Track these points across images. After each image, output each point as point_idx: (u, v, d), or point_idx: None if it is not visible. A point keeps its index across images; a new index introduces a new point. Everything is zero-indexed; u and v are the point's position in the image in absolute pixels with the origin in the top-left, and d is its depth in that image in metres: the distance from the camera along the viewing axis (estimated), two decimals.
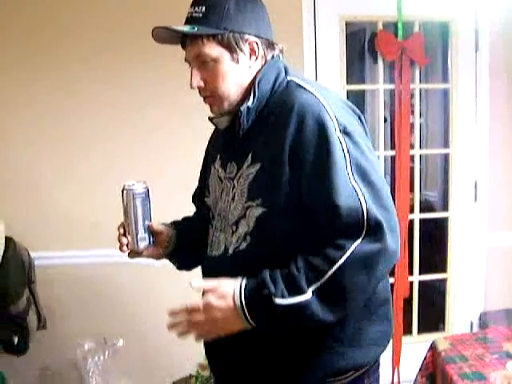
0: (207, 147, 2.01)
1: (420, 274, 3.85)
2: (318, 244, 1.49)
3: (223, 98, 1.68)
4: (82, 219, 3.50)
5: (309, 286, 1.45)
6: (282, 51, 1.76)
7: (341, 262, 1.44)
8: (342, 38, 3.56)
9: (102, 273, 3.54)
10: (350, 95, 3.61)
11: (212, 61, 1.64)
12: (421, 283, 3.87)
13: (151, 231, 1.84)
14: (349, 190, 1.48)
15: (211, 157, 1.90)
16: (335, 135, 1.52)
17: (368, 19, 3.69)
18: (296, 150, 1.54)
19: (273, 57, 1.71)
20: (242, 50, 1.64)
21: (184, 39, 1.67)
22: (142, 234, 1.78)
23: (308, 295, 1.45)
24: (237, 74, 1.66)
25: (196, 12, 1.64)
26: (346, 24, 3.58)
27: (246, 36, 1.64)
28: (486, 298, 3.87)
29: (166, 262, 2.01)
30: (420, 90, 3.79)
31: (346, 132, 1.54)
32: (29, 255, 3.27)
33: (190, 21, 1.65)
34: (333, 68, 3.58)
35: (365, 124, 1.71)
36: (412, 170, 3.77)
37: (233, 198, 1.69)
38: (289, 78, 1.70)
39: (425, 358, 2.72)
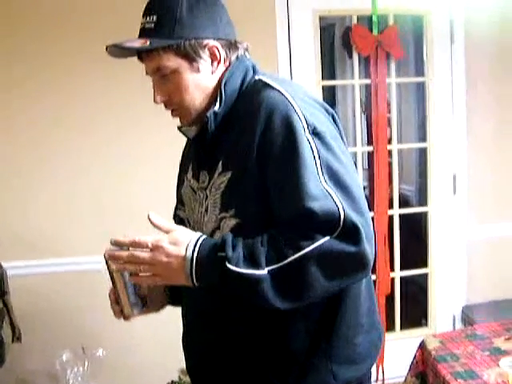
0: (181, 159, 1.88)
1: (401, 269, 3.82)
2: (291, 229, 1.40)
3: (190, 109, 1.59)
4: (56, 227, 3.42)
5: (267, 264, 1.36)
6: (247, 49, 1.64)
7: (306, 250, 1.34)
8: (316, 32, 3.51)
9: (78, 281, 3.46)
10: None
11: (172, 73, 1.54)
12: (402, 279, 3.84)
13: (142, 295, 1.70)
14: (321, 193, 1.37)
15: (184, 168, 1.80)
16: (304, 136, 1.42)
17: (342, 13, 3.65)
18: (263, 153, 1.46)
19: (237, 57, 1.60)
20: (201, 57, 1.54)
21: (140, 53, 1.57)
22: (134, 299, 1.66)
23: (262, 272, 1.35)
24: (200, 83, 1.56)
25: (148, 22, 1.54)
26: (320, 18, 3.52)
27: (205, 41, 1.53)
28: (468, 292, 3.86)
29: None
30: (395, 84, 3.75)
31: (315, 132, 1.44)
32: (0, 265, 3.17)
33: (142, 33, 1.55)
34: (307, 63, 3.53)
35: (338, 123, 1.60)
36: (390, 164, 3.73)
37: (206, 210, 1.60)
38: (256, 77, 1.61)
39: (414, 357, 2.68)
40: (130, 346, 3.51)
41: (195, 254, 1.40)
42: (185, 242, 1.42)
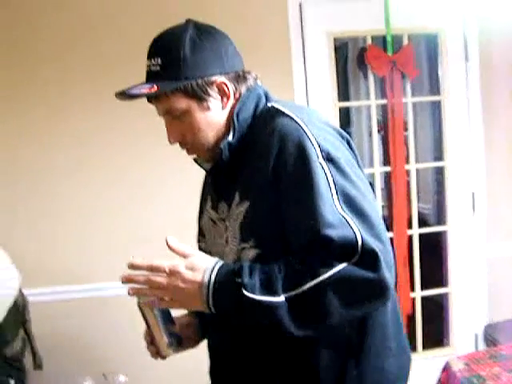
0: (202, 189, 1.86)
1: (421, 289, 3.79)
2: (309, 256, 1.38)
3: (204, 146, 1.59)
4: (77, 254, 3.43)
5: (284, 291, 1.34)
6: (256, 78, 1.62)
7: (323, 277, 1.32)
8: (330, 54, 3.51)
9: (99, 307, 3.46)
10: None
11: (183, 114, 1.54)
12: (423, 299, 3.81)
13: (176, 333, 1.70)
14: (338, 220, 1.35)
15: (204, 198, 1.79)
16: (317, 163, 1.40)
17: (356, 34, 3.66)
18: (278, 183, 1.44)
19: (248, 87, 1.59)
20: (210, 95, 1.53)
21: (149, 97, 1.56)
22: (168, 340, 1.66)
23: (279, 299, 1.34)
24: (212, 120, 1.55)
25: (153, 65, 1.53)
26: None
27: (212, 78, 1.52)
28: (490, 311, 3.82)
29: None
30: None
31: (329, 159, 1.42)
32: (22, 293, 3.17)
33: (149, 76, 1.55)
34: (323, 85, 3.53)
35: (354, 148, 1.58)
36: (407, 184, 3.71)
37: (226, 241, 1.58)
38: (269, 104, 1.59)
39: (439, 380, 2.66)
40: (152, 373, 3.48)
41: (212, 281, 1.39)
42: (202, 267, 1.41)
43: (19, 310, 3.02)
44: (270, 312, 1.34)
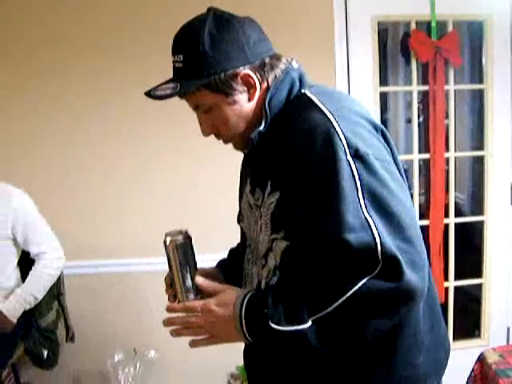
0: (241, 169, 1.83)
1: (455, 279, 3.76)
2: (333, 268, 1.34)
3: (236, 137, 1.57)
4: (114, 228, 3.45)
5: (310, 315, 1.32)
6: (290, 61, 1.57)
7: (347, 295, 1.29)
8: (374, 38, 3.47)
9: (133, 282, 3.48)
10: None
11: (211, 108, 1.52)
12: (456, 289, 3.77)
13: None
14: (359, 222, 1.30)
15: (243, 181, 1.76)
16: (344, 160, 1.35)
17: (401, 19, 3.60)
18: (304, 177, 1.40)
19: (282, 71, 1.53)
20: (235, 89, 1.49)
21: None
22: (189, 284, 1.63)
23: (306, 325, 1.33)
24: (241, 112, 1.53)
25: (177, 62, 1.51)
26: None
27: (235, 71, 1.47)
28: None
29: None
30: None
31: (357, 155, 1.36)
32: None
33: (174, 72, 1.53)
34: (365, 69, 3.49)
35: (389, 139, 1.52)
36: (446, 172, 3.67)
37: (260, 229, 1.56)
38: (302, 90, 1.54)
39: (472, 370, 2.63)
40: (182, 349, 3.49)
41: (242, 315, 1.39)
42: (231, 302, 1.42)
43: (54, 283, 3.05)
44: (299, 339, 1.34)
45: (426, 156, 3.61)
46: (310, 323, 1.32)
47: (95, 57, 3.35)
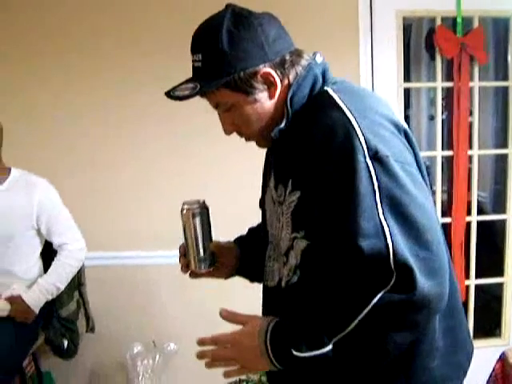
0: (264, 163, 1.80)
1: (476, 277, 3.73)
2: (348, 283, 1.33)
3: (259, 135, 1.56)
4: (135, 221, 3.46)
5: (330, 338, 1.31)
6: (313, 56, 1.54)
7: (364, 313, 1.28)
8: (399, 34, 3.45)
9: (153, 275, 3.49)
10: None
11: (231, 107, 1.50)
12: (477, 287, 3.75)
13: (213, 251, 1.72)
14: (374, 228, 1.28)
15: (267, 174, 1.72)
16: (363, 163, 1.32)
17: (426, 14, 3.56)
18: (322, 178, 1.37)
19: (304, 67, 1.50)
20: (255, 88, 1.47)
21: None
22: (202, 255, 1.68)
23: (328, 348, 1.32)
24: (262, 111, 1.50)
25: (196, 61, 1.49)
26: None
27: (255, 69, 1.45)
28: None
29: None
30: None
31: (377, 157, 1.32)
32: None
33: (193, 72, 1.51)
34: (389, 65, 3.46)
35: (412, 139, 1.49)
36: (469, 170, 3.64)
37: (282, 226, 1.54)
38: (325, 87, 1.50)
39: (493, 370, 2.60)
40: None
41: (268, 345, 1.39)
42: (257, 332, 1.42)
43: (75, 274, 3.07)
44: (322, 362, 1.33)
45: (449, 153, 3.59)
46: (330, 346, 1.32)
47: (98, 54, 3.39)
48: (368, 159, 1.32)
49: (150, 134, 3.45)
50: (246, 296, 2.90)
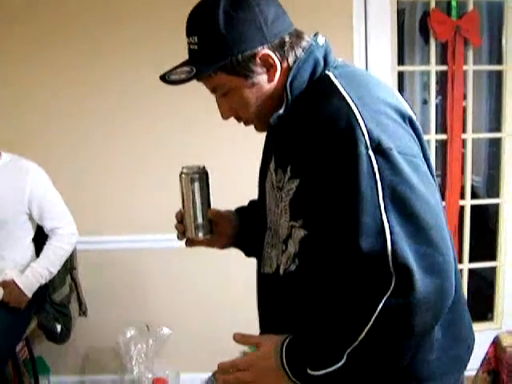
0: (266, 140, 1.73)
1: (469, 262, 3.74)
2: (351, 290, 1.31)
3: (257, 119, 1.51)
4: (126, 204, 3.45)
5: (342, 351, 1.30)
6: (315, 38, 1.48)
7: (371, 322, 1.26)
8: (393, 17, 3.42)
9: (146, 259, 3.49)
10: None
11: (229, 91, 1.45)
12: (470, 271, 3.76)
13: (211, 219, 1.66)
14: (375, 224, 1.25)
15: (267, 156, 1.65)
16: (365, 154, 1.26)
17: None
18: (323, 170, 1.33)
19: (304, 49, 1.44)
20: (254, 71, 1.41)
21: None
22: (201, 221, 1.62)
23: (342, 362, 1.30)
24: (261, 95, 1.45)
25: (192, 44, 1.43)
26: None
27: (253, 52, 1.39)
28: None
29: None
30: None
31: (380, 149, 1.27)
32: None
33: (189, 55, 1.46)
34: (383, 48, 3.44)
35: (417, 127, 1.42)
36: (462, 154, 3.64)
37: (281, 213, 1.49)
38: (327, 71, 1.44)
39: (486, 353, 2.61)
40: (194, 326, 3.52)
41: (285, 363, 1.38)
42: (272, 353, 1.40)
43: (67, 258, 3.06)
44: (339, 376, 1.33)
45: (442, 137, 3.58)
46: (344, 359, 1.30)
47: (89, 41, 3.37)
48: (370, 151, 1.27)
49: (144, 120, 3.42)
50: (239, 281, 2.90)
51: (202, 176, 1.61)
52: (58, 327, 3.09)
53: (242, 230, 1.78)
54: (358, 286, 1.29)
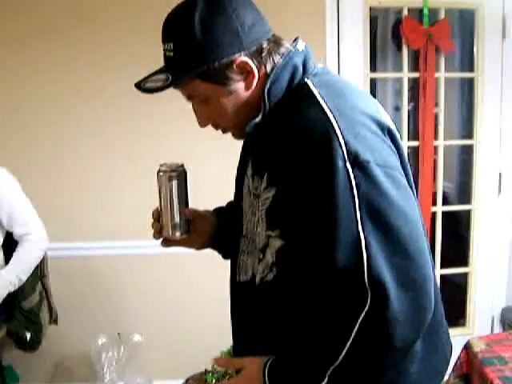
0: (243, 145, 1.69)
1: (441, 267, 3.76)
2: (328, 307, 1.31)
3: (236, 127, 1.48)
4: (96, 211, 3.42)
5: (324, 371, 1.30)
6: (294, 43, 1.45)
7: (349, 342, 1.26)
8: (366, 24, 3.44)
9: (116, 265, 3.46)
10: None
11: (206, 98, 1.42)
12: (442, 277, 3.77)
13: (189, 218, 1.61)
14: (351, 239, 1.23)
15: (244, 161, 1.61)
16: (341, 167, 1.24)
17: (393, 4, 3.57)
18: (299, 181, 1.31)
19: (283, 55, 1.41)
20: (231, 78, 1.38)
21: None
22: (178, 220, 1.58)
23: (324, 381, 1.31)
24: (237, 102, 1.42)
25: (167, 50, 1.40)
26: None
27: (230, 59, 1.36)
28: (508, 293, 3.78)
29: (185, 254, 1.84)
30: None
31: (357, 162, 1.25)
32: None
33: (165, 62, 1.43)
34: (356, 55, 3.46)
35: (396, 138, 1.41)
36: (434, 161, 3.66)
37: (258, 221, 1.46)
38: (305, 78, 1.42)
39: (458, 358, 2.63)
40: (166, 333, 3.50)
41: None
42: (255, 376, 1.40)
43: (38, 265, 3.02)
44: None
45: (414, 144, 3.60)
46: (326, 379, 1.30)
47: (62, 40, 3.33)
48: (348, 164, 1.25)
49: (119, 123, 3.40)
50: (211, 288, 2.89)
51: (180, 174, 1.57)
52: (28, 335, 3.04)
53: (219, 230, 1.74)
54: (334, 302, 1.29)
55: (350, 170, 1.25)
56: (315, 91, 1.38)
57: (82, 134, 3.40)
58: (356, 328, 1.25)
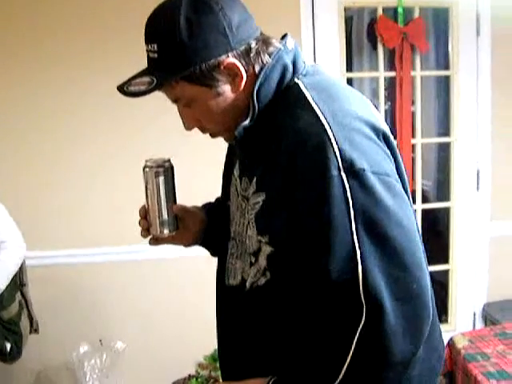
0: (228, 150, 1.67)
1: None
2: (324, 323, 1.28)
3: (222, 130, 1.44)
4: (78, 218, 3.38)
5: None
6: (283, 42, 1.39)
7: (349, 358, 1.23)
8: (341, 24, 3.45)
9: (97, 273, 3.43)
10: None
11: (192, 101, 1.36)
12: None
13: (177, 215, 1.56)
14: (345, 249, 1.20)
15: (231, 161, 1.59)
16: (336, 176, 1.20)
17: (367, 4, 3.58)
18: (291, 189, 1.27)
19: (272, 54, 1.35)
20: (218, 80, 1.32)
21: None
22: (166, 217, 1.53)
23: None
24: (225, 105, 1.36)
25: (151, 51, 1.34)
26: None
27: (217, 60, 1.30)
28: (489, 289, 3.80)
29: (166, 259, 1.83)
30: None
31: (352, 171, 1.21)
32: None
33: (148, 64, 1.37)
34: (332, 55, 3.47)
35: (391, 142, 1.35)
36: (412, 159, 3.67)
37: (248, 224, 1.41)
38: (296, 79, 1.37)
39: None
40: (148, 340, 3.48)
41: None
42: None
43: (16, 274, 2.98)
44: None
45: None
46: None
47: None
48: (342, 173, 1.21)
49: (99, 128, 3.37)
50: (194, 294, 2.87)
51: (167, 170, 1.51)
52: (8, 346, 2.99)
53: (209, 227, 1.69)
54: (330, 315, 1.26)
55: (345, 179, 1.21)
56: (307, 94, 1.33)
57: (66, 138, 3.36)
58: (355, 342, 1.22)
